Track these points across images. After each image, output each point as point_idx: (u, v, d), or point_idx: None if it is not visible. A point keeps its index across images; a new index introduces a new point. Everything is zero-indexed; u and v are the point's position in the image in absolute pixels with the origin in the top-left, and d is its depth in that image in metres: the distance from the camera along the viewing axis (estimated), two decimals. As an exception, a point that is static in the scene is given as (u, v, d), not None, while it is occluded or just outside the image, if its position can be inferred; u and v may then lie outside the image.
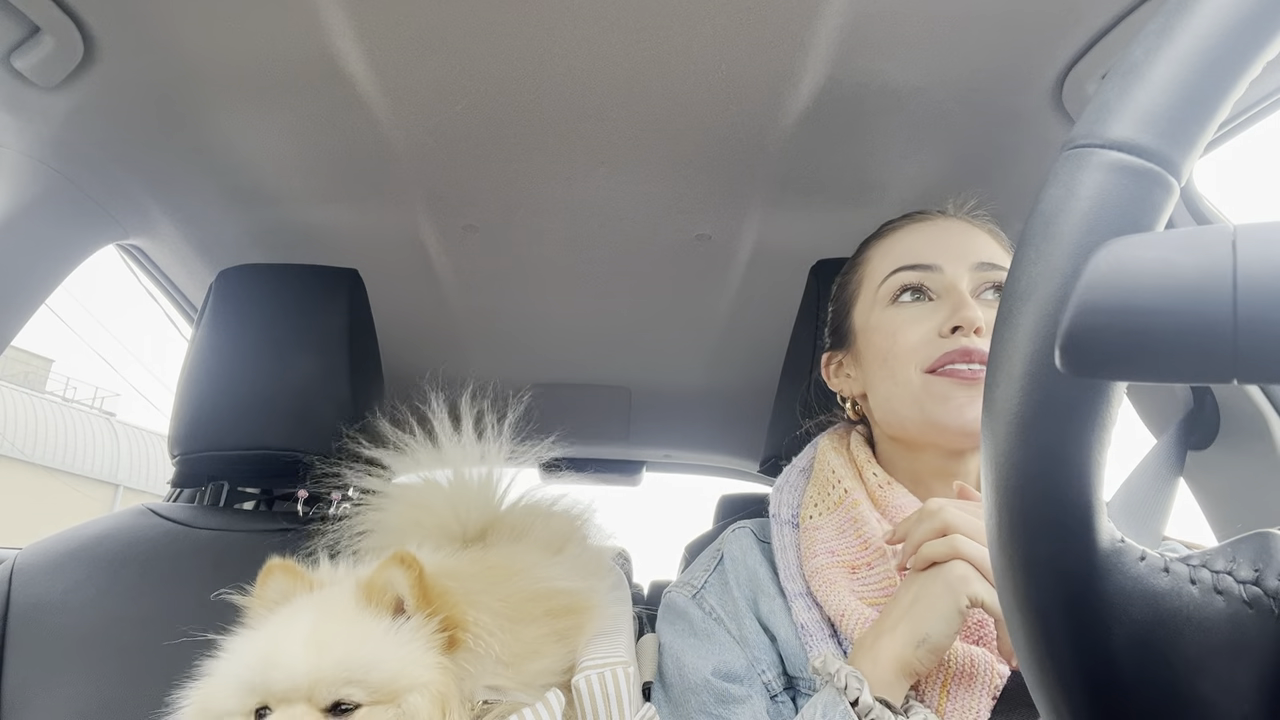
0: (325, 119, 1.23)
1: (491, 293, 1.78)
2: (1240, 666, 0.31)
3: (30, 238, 1.21)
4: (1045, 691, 0.33)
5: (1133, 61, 0.34)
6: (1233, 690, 0.31)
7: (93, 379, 21.57)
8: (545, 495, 0.98)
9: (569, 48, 1.07)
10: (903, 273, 0.93)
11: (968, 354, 0.84)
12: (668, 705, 0.85)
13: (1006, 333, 0.34)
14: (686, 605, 0.92)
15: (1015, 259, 0.35)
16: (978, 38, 1.05)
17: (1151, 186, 0.32)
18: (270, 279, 1.31)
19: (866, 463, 0.93)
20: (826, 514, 0.91)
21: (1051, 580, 0.32)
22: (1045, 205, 0.34)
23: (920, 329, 0.89)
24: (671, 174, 1.34)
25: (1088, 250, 0.30)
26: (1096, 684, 0.32)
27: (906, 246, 0.95)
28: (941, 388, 0.85)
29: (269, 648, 0.69)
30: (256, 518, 1.28)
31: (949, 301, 0.89)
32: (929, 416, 0.86)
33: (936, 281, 0.91)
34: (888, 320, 0.92)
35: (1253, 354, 0.26)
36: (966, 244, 0.93)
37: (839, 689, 0.72)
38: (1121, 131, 0.33)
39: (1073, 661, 0.32)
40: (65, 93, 1.13)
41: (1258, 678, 0.31)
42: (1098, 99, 0.35)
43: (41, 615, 1.07)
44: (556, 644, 0.77)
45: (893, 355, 0.90)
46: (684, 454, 2.67)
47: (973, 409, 0.84)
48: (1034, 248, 0.34)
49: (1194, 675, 0.31)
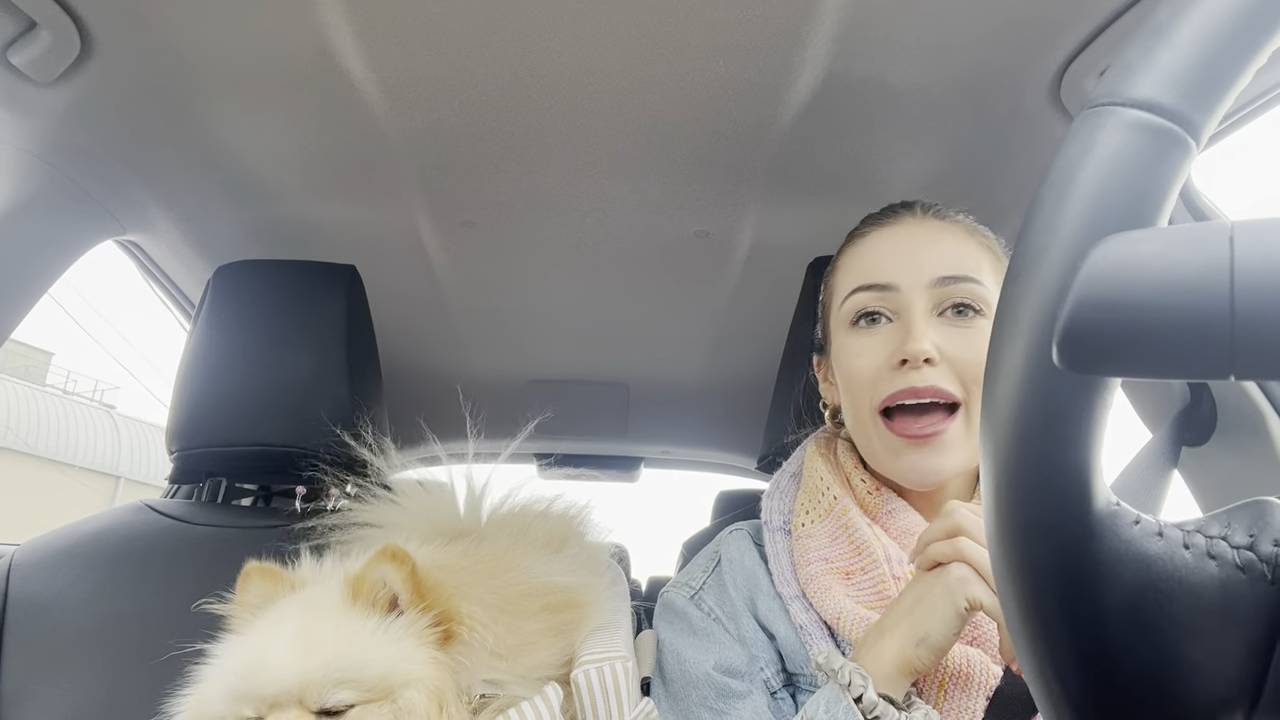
0: (323, 115, 1.23)
1: (489, 288, 1.77)
2: (1230, 631, 0.31)
3: (27, 233, 1.21)
4: (1033, 652, 0.33)
5: (1158, 22, 0.33)
6: (1220, 654, 0.31)
7: (93, 372, 21.64)
8: (542, 495, 0.98)
9: (567, 44, 1.07)
10: (860, 294, 0.91)
11: (914, 392, 0.84)
12: (668, 700, 0.86)
13: (1016, 289, 0.33)
14: (685, 605, 0.92)
15: (1026, 220, 0.35)
16: (976, 34, 1.05)
17: (1171, 147, 0.32)
18: (268, 275, 1.31)
19: (854, 470, 0.93)
20: (818, 521, 0.91)
21: (1044, 541, 0.32)
22: (1063, 162, 0.34)
23: (873, 360, 0.88)
24: (670, 170, 1.34)
25: (1105, 210, 0.30)
26: (1085, 646, 0.32)
27: (868, 260, 0.93)
28: (893, 445, 0.86)
29: (255, 654, 0.68)
30: (254, 514, 1.28)
31: (903, 325, 0.87)
32: (883, 465, 0.89)
33: (893, 301, 0.89)
34: (848, 345, 0.92)
35: (1250, 350, 0.26)
36: (929, 254, 0.89)
37: (843, 685, 0.72)
38: (1143, 91, 0.33)
39: (1062, 622, 0.32)
40: (62, 88, 1.12)
41: (1246, 642, 0.31)
42: (1121, 59, 0.34)
43: (39, 611, 1.07)
44: (554, 638, 0.77)
45: (853, 383, 0.90)
46: (682, 450, 2.68)
47: (923, 467, 0.85)
48: (1049, 205, 0.33)
49: (1183, 639, 0.31)
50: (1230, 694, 0.31)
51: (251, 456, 1.23)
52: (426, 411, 2.29)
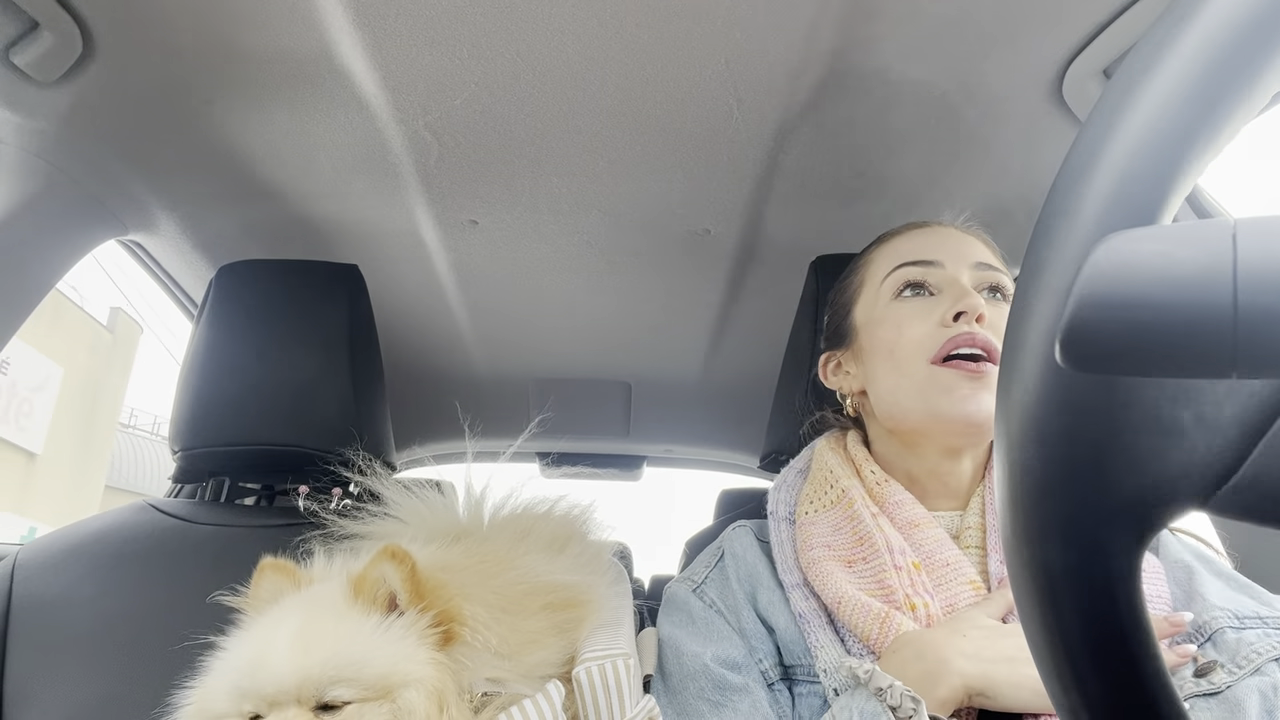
0: (325, 114, 1.23)
1: (492, 288, 1.77)
2: (1232, 400, 0.29)
3: (29, 234, 1.21)
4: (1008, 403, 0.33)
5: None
6: (1211, 423, 0.29)
7: (152, 408, 22.30)
8: (544, 497, 0.98)
9: (569, 41, 1.07)
10: (905, 268, 0.95)
11: (970, 339, 0.86)
12: (666, 695, 0.86)
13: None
14: (687, 598, 0.93)
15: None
16: (977, 33, 1.05)
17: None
18: (270, 275, 1.31)
19: (864, 461, 0.95)
20: (823, 511, 0.93)
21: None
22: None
23: (925, 322, 0.91)
24: (673, 168, 1.34)
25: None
26: (1078, 390, 0.31)
27: (912, 244, 0.98)
28: (946, 379, 0.87)
29: (256, 651, 0.68)
30: (257, 513, 1.28)
31: (951, 294, 0.91)
32: (932, 407, 0.88)
33: (938, 277, 0.93)
34: (892, 314, 0.94)
35: (1252, 350, 0.25)
36: (964, 247, 0.96)
37: (892, 705, 0.69)
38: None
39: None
40: (64, 88, 1.13)
41: (1242, 414, 0.29)
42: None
43: (43, 611, 1.07)
44: (556, 636, 0.77)
45: (899, 347, 0.91)
46: (684, 449, 2.67)
47: (975, 402, 0.85)
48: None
49: (1181, 402, 0.30)
50: (1208, 463, 0.29)
51: (254, 456, 1.23)
52: (429, 411, 2.30)
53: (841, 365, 1.03)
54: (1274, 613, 0.77)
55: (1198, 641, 0.76)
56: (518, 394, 2.24)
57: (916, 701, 0.68)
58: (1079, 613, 0.33)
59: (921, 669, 0.73)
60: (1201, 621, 0.77)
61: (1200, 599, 0.79)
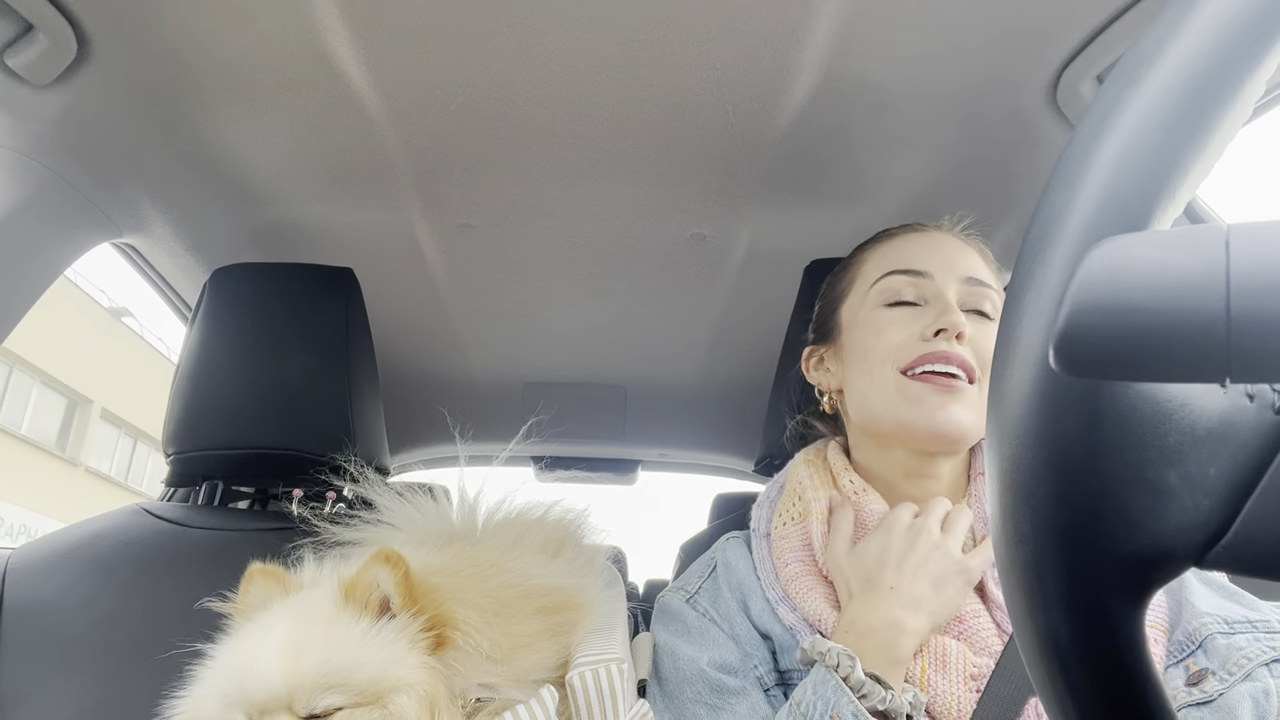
0: (319, 118, 1.23)
1: (487, 291, 1.77)
2: (1217, 460, 0.30)
3: (23, 236, 1.20)
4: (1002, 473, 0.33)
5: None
6: (1199, 483, 0.30)
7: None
8: (539, 501, 0.97)
9: (564, 46, 1.07)
10: (895, 276, 0.95)
11: (945, 357, 0.87)
12: (663, 699, 0.86)
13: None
14: (680, 607, 0.93)
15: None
16: (972, 38, 1.05)
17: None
18: (265, 278, 1.31)
19: (843, 470, 0.96)
20: (792, 524, 0.94)
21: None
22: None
23: (904, 331, 0.91)
24: (667, 173, 1.34)
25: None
26: (1061, 455, 0.31)
27: (901, 252, 0.98)
28: (915, 390, 0.88)
29: (245, 658, 0.68)
30: (251, 517, 1.28)
31: (935, 308, 0.91)
32: (899, 416, 0.89)
33: (926, 288, 0.93)
34: (874, 319, 0.94)
35: (1245, 355, 0.25)
36: (958, 258, 0.95)
37: (829, 666, 0.75)
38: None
39: (1043, 432, 0.31)
40: (58, 91, 1.12)
41: (1230, 471, 0.30)
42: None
43: (35, 615, 1.06)
44: (549, 640, 0.77)
45: (874, 352, 0.92)
46: (679, 453, 2.67)
47: (945, 412, 0.86)
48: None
49: (1166, 463, 0.30)
50: (1199, 523, 0.30)
51: (248, 459, 1.22)
52: (423, 414, 2.30)
53: (824, 361, 1.03)
54: (1263, 617, 0.78)
55: (1188, 649, 0.77)
56: (512, 398, 2.24)
57: (852, 659, 0.74)
58: (1093, 685, 0.33)
59: (876, 640, 0.78)
60: (1192, 629, 0.78)
61: (1190, 606, 0.80)
